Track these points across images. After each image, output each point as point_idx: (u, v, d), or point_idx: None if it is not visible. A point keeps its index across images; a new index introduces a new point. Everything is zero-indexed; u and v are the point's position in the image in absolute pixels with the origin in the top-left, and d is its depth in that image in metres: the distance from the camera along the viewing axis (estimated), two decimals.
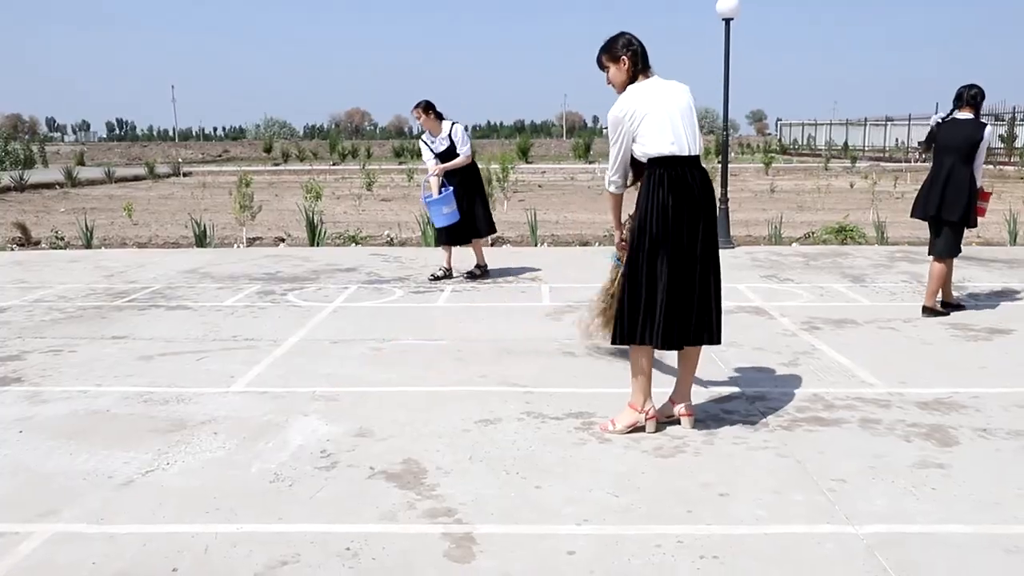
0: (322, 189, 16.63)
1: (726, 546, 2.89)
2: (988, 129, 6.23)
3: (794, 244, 10.97)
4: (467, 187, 7.96)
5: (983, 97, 6.25)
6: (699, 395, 4.49)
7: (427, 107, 7.91)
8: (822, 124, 53.14)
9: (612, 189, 4.03)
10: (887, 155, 40.11)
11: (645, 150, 3.78)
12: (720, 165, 11.24)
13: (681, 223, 3.73)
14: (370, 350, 5.54)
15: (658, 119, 3.74)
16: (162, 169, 33.12)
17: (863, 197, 18.38)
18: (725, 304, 6.82)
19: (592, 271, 8.62)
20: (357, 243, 11.24)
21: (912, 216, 6.62)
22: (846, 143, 44.30)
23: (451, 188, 7.83)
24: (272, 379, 4.89)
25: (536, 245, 10.87)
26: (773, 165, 34.92)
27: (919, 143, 7.63)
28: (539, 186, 25.12)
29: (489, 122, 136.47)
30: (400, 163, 39.28)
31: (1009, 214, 10.98)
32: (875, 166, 32.72)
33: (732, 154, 49.39)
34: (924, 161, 26.95)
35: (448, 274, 8.16)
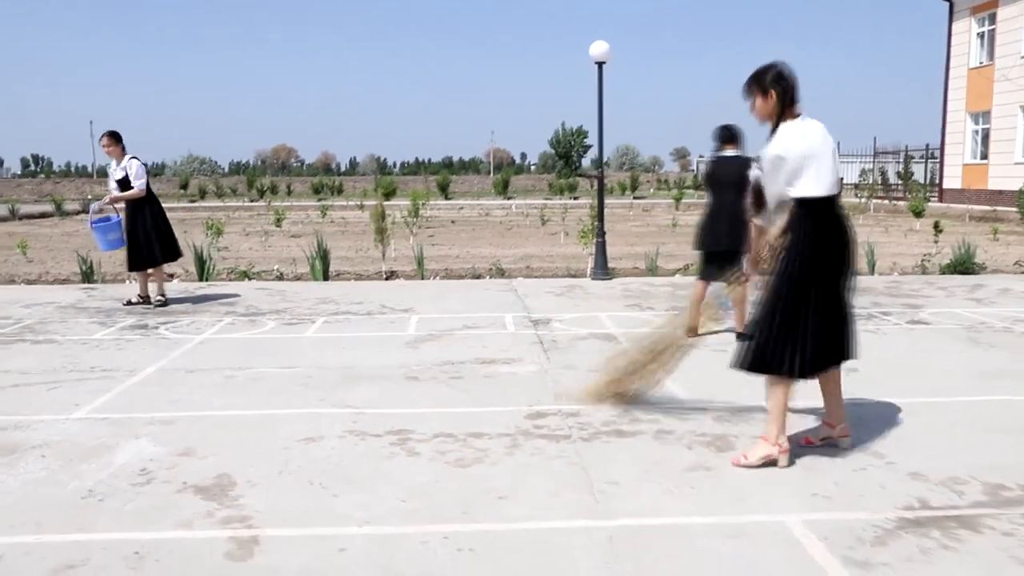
0: (224, 226, 16.75)
1: (486, 540, 3.22)
2: (755, 161, 6.80)
3: (677, 275, 11.52)
4: (142, 218, 8.61)
5: (739, 133, 6.84)
6: (518, 414, 4.84)
7: (113, 136, 8.60)
8: None
9: (765, 223, 4.07)
10: None
11: (805, 192, 3.84)
12: (596, 201, 11.70)
13: (833, 258, 3.89)
14: (223, 378, 5.75)
15: (821, 163, 3.85)
16: (71, 206, 32.51)
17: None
18: (583, 331, 7.30)
19: (469, 303, 8.99)
20: (249, 278, 11.39)
21: (696, 249, 6.99)
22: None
23: (118, 217, 8.72)
24: (117, 406, 5.08)
25: (423, 278, 11.18)
26: (685, 200, 36.10)
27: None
28: (452, 222, 25.52)
29: (417, 159, 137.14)
30: (319, 199, 39.33)
31: (867, 246, 11.75)
32: None
33: (652, 189, 50.84)
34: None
35: (144, 300, 8.82)
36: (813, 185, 3.84)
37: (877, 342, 6.89)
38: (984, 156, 29.52)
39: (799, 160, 3.82)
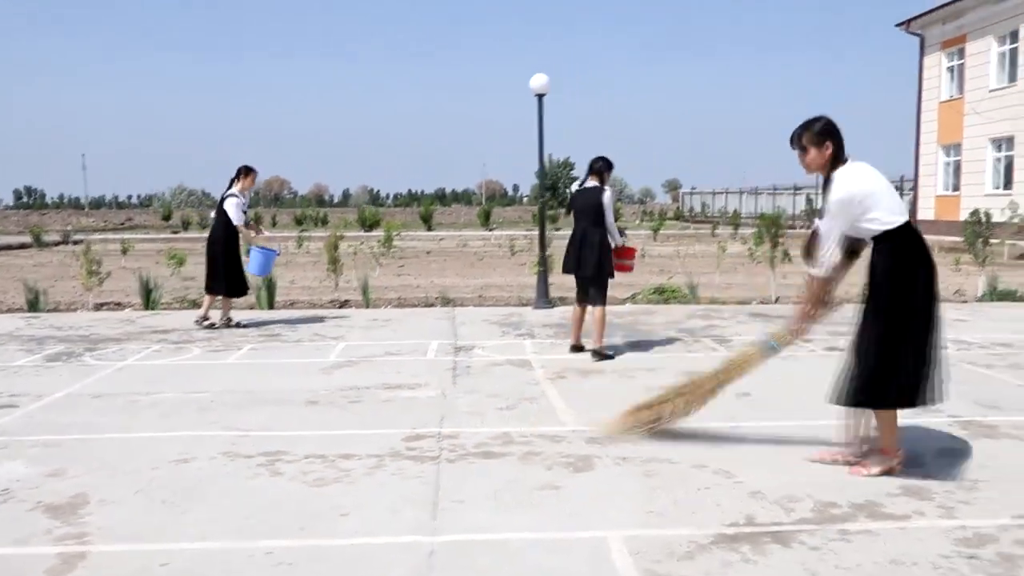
0: (187, 256, 16.89)
1: (309, 555, 3.31)
2: (607, 193, 7.22)
3: (627, 304, 11.65)
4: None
5: (608, 167, 7.31)
6: (397, 436, 4.94)
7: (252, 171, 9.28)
8: (720, 193, 55.41)
9: (823, 272, 4.15)
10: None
11: (882, 226, 3.98)
12: (538, 231, 11.83)
13: (930, 282, 4.05)
14: (125, 403, 5.84)
15: (887, 195, 4.03)
16: (52, 237, 32.65)
17: (731, 261, 19.38)
18: (500, 357, 7.41)
19: (402, 331, 9.10)
20: (199, 307, 11.48)
21: (564, 272, 7.50)
22: (736, 211, 46.24)
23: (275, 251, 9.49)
24: (9, 429, 5.16)
25: (368, 307, 11.31)
26: (665, 232, 36.38)
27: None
28: (427, 252, 25.69)
29: (410, 190, 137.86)
30: (301, 230, 39.55)
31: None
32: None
33: (637, 220, 51.14)
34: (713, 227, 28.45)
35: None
36: (890, 215, 3.99)
37: (783, 367, 6.98)
38: (956, 188, 29.84)
39: (869, 197, 3.97)
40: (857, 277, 4.30)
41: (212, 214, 9.73)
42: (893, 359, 4.00)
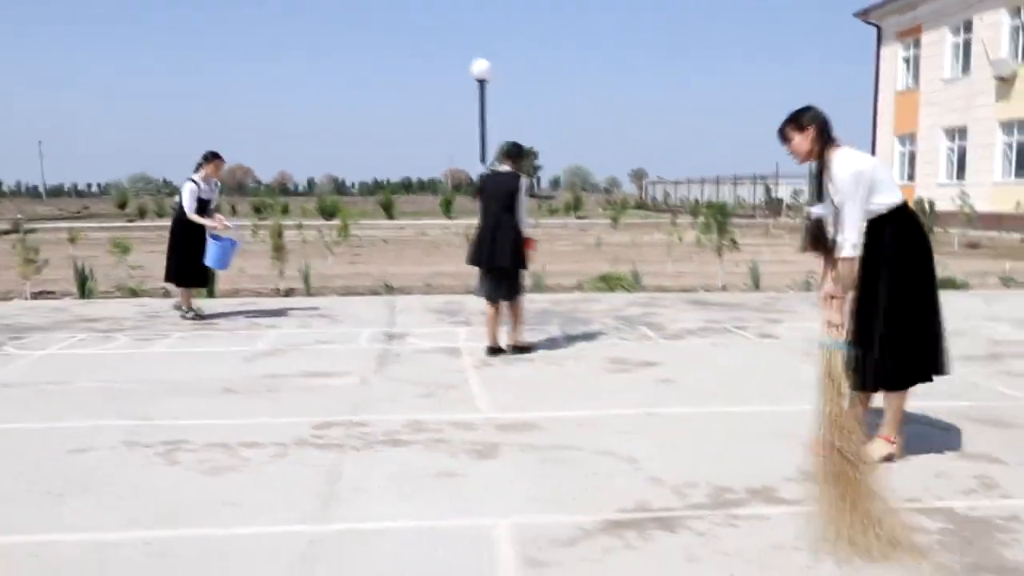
0: (132, 245, 16.60)
1: (187, 545, 3.23)
2: (524, 180, 6.84)
3: (576, 292, 11.63)
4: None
5: (519, 152, 6.89)
6: (306, 425, 4.87)
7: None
8: (683, 183, 55.69)
9: (852, 252, 3.94)
10: (730, 211, 42.24)
11: (886, 200, 4.01)
12: None
13: (931, 256, 4.14)
14: (34, 393, 5.70)
15: (886, 175, 4.10)
16: (1, 226, 31.95)
17: (687, 249, 19.41)
18: (431, 345, 7.35)
19: (338, 319, 8.99)
20: (137, 295, 11.29)
21: (468, 263, 7.00)
22: (696, 200, 46.48)
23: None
24: None
25: (309, 295, 11.18)
26: (626, 221, 36.44)
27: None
28: (384, 241, 25.50)
29: (376, 179, 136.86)
30: (259, 219, 39.09)
31: (752, 263, 11.97)
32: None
33: (600, 209, 51.15)
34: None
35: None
36: (891, 194, 4.04)
37: (714, 354, 7.02)
38: (911, 177, 30.21)
39: (875, 172, 4.00)
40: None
41: (176, 199, 9.36)
42: (918, 338, 4.08)
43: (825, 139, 4.03)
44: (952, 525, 3.40)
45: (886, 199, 4.03)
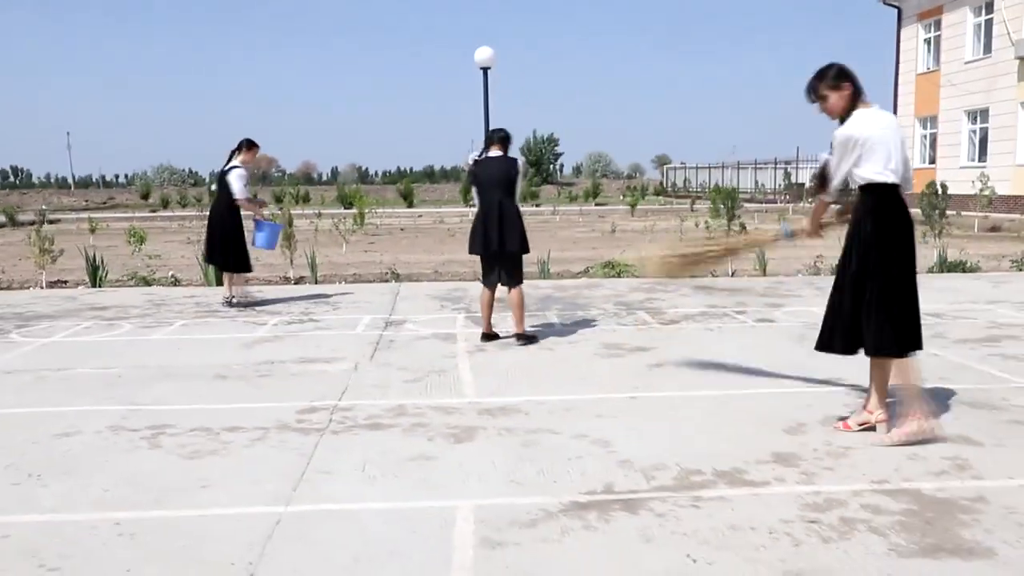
0: (147, 234, 16.83)
1: (157, 526, 3.31)
2: (521, 161, 6.86)
3: (582, 278, 11.64)
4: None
5: (508, 138, 6.83)
6: (291, 410, 4.94)
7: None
8: (704, 168, 55.30)
9: (827, 198, 4.40)
10: (750, 196, 41.94)
11: (866, 176, 4.10)
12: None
13: (908, 241, 4.21)
14: (34, 379, 5.82)
15: (890, 149, 4.09)
16: (27, 216, 32.46)
17: (701, 235, 19.33)
18: (427, 331, 7.40)
19: (341, 306, 9.08)
20: (148, 283, 11.44)
21: (471, 252, 6.86)
22: (717, 185, 46.15)
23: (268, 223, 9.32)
24: None
25: (316, 283, 11.28)
26: (644, 207, 36.33)
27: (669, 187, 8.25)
28: (401, 229, 25.61)
29: (399, 168, 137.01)
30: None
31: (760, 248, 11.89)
32: (740, 207, 34.25)
33: (621, 196, 50.97)
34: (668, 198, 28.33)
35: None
36: (881, 171, 4.08)
37: (708, 339, 7.02)
38: (932, 160, 29.83)
39: (868, 142, 4.06)
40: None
41: (213, 187, 9.54)
42: (910, 305, 4.21)
43: (856, 96, 4.17)
44: (916, 506, 3.40)
45: (867, 173, 4.10)
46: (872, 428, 4.33)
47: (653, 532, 3.18)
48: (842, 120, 4.20)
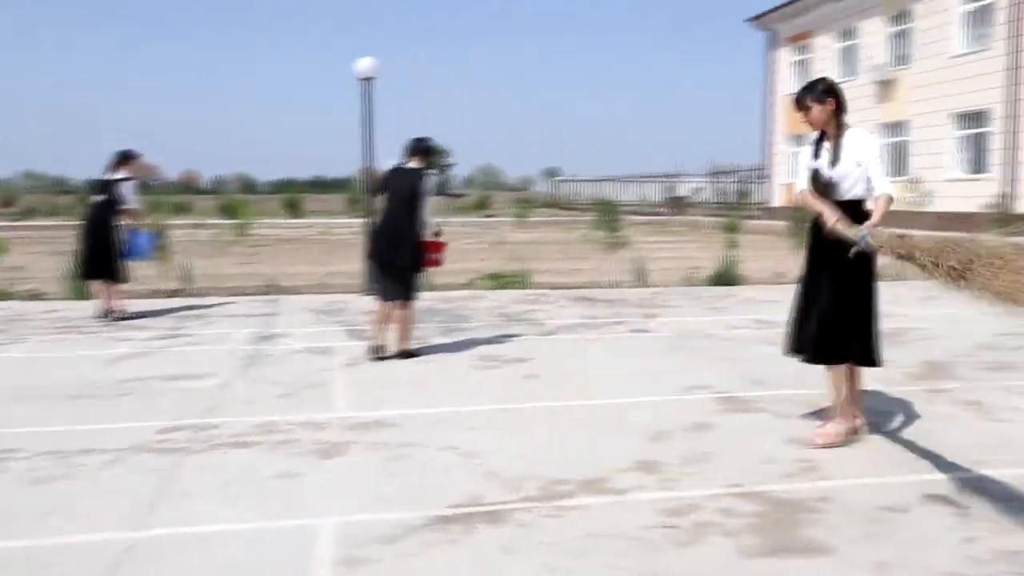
0: (11, 244, 15.92)
1: None
2: (429, 178, 6.64)
3: (465, 290, 11.65)
4: None
5: (428, 148, 6.66)
6: (151, 429, 4.75)
7: None
8: (593, 181, 56.41)
9: (889, 190, 4.35)
10: (635, 209, 43.00)
11: (879, 186, 4.30)
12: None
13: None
14: None
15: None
16: None
17: (585, 247, 19.62)
18: (303, 345, 7.26)
19: (215, 320, 8.80)
20: (5, 298, 10.80)
21: (368, 260, 6.80)
22: (604, 198, 47.13)
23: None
24: None
25: (191, 295, 10.92)
26: (532, 219, 36.73)
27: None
28: (286, 240, 25.05)
29: (287, 177, 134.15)
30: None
31: (638, 259, 12.22)
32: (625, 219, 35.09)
33: (509, 207, 51.34)
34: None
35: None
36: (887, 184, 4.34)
37: (584, 349, 7.15)
38: None
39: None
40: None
41: (93, 198, 9.06)
42: (851, 321, 4.37)
43: (840, 112, 4.38)
44: (766, 508, 3.54)
45: (881, 185, 4.32)
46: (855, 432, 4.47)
47: (515, 543, 3.21)
48: (823, 133, 4.39)
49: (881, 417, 4.82)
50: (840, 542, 3.21)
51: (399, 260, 6.52)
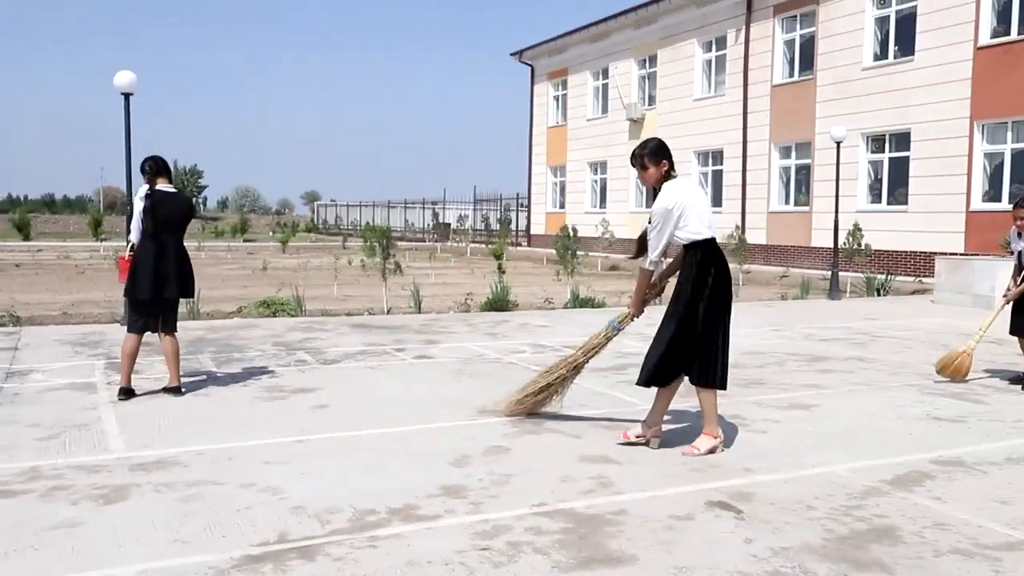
0: None
1: None
2: (191, 200, 6.50)
3: (235, 318, 11.11)
4: None
5: (166, 166, 6.23)
6: None
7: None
8: (355, 206, 56.00)
9: (650, 267, 4.84)
10: (401, 235, 43.29)
11: (690, 235, 4.66)
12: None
13: (726, 285, 4.75)
14: None
15: (701, 209, 4.70)
16: None
17: (356, 272, 19.34)
18: (61, 381, 6.60)
19: None
20: None
21: (137, 296, 6.07)
22: (368, 223, 46.99)
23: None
24: None
25: None
26: (295, 244, 35.80)
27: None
28: (16, 265, 22.63)
29: (11, 195, 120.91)
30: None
31: (414, 286, 12.33)
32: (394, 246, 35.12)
33: (271, 232, 49.69)
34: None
35: None
36: (701, 229, 4.68)
37: (371, 377, 7.09)
38: (562, 205, 33.05)
39: (685, 207, 4.63)
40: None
41: None
42: (712, 343, 4.72)
43: (667, 172, 4.77)
44: (571, 524, 3.72)
45: (689, 233, 4.68)
46: (646, 443, 4.93)
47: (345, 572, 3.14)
48: (655, 191, 4.77)
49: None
50: (640, 551, 3.43)
51: (185, 292, 6.28)
